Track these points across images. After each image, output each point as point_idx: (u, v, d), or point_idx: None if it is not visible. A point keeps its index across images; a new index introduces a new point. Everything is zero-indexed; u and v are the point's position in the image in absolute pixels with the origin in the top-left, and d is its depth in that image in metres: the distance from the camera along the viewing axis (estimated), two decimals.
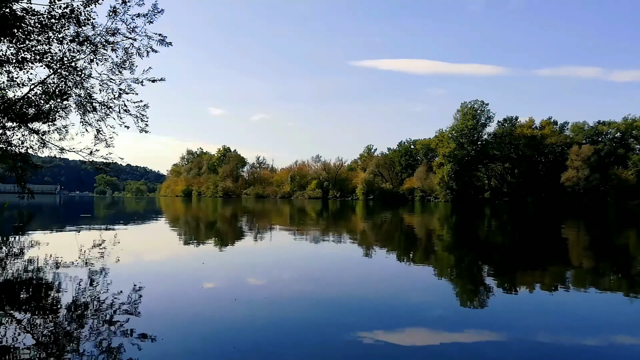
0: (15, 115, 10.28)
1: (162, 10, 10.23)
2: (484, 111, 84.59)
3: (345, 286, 6.38)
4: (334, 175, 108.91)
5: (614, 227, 20.33)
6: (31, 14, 9.33)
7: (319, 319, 4.69)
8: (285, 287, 6.33)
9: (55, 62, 10.11)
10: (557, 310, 5.19)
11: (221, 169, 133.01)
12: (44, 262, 7.60)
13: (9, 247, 10.00)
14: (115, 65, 10.65)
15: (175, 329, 4.23)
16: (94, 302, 5.05)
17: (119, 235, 13.14)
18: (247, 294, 5.76)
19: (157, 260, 8.74)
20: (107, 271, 6.93)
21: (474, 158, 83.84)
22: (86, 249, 9.52)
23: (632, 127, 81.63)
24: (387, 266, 8.32)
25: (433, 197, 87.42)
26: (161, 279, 6.75)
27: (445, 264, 8.77)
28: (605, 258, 10.03)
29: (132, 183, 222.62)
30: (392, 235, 15.19)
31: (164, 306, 5.04)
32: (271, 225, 19.04)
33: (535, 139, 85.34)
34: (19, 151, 10.94)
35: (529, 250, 11.21)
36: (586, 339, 4.21)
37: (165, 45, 10.67)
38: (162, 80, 11.00)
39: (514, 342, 4.05)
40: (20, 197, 12.13)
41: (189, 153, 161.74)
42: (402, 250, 10.94)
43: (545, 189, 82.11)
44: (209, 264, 8.37)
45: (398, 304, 5.40)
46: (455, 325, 4.52)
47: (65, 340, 3.83)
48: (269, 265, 8.27)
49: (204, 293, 5.75)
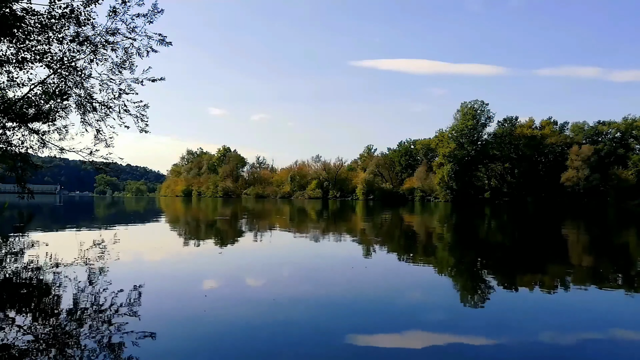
0: (15, 115, 10.28)
1: (162, 10, 10.26)
2: (484, 111, 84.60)
3: (345, 286, 6.38)
4: (334, 175, 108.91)
5: (613, 227, 20.33)
6: (31, 14, 9.34)
7: (319, 319, 4.69)
8: (285, 287, 6.33)
9: (55, 62, 10.12)
10: (557, 310, 5.19)
11: (221, 169, 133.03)
12: (44, 262, 7.60)
13: (9, 246, 10.00)
14: (115, 65, 10.67)
15: (175, 329, 4.24)
16: (93, 302, 5.05)
17: (119, 235, 13.14)
18: (247, 294, 5.76)
19: (157, 260, 8.73)
20: (107, 271, 6.94)
21: (474, 158, 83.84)
22: (86, 249, 9.52)
23: (632, 127, 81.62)
24: (387, 266, 8.31)
25: (433, 197, 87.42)
26: (161, 278, 6.75)
27: (445, 264, 8.77)
28: (605, 258, 10.03)
29: (132, 183, 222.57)
30: (392, 235, 15.19)
31: (164, 306, 5.05)
32: (271, 225, 19.04)
33: (535, 139, 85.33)
34: (19, 151, 10.94)
35: (529, 250, 11.22)
36: (586, 339, 4.21)
37: (165, 45, 10.70)
38: (162, 79, 11.02)
39: (514, 343, 4.05)
40: (20, 197, 12.12)
41: (189, 153, 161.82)
42: (402, 250, 10.94)
43: (545, 189, 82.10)
44: (209, 264, 8.38)
45: (398, 305, 5.40)
46: (456, 326, 4.52)
47: (65, 339, 3.83)
48: (269, 265, 8.27)
49: (204, 293, 5.75)
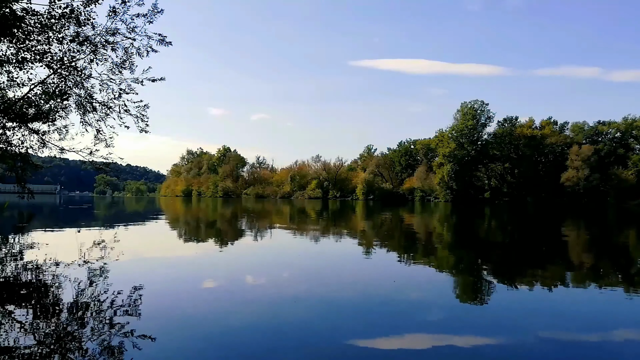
0: (15, 115, 10.28)
1: (162, 10, 10.26)
2: (484, 111, 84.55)
3: (345, 286, 6.38)
4: (334, 175, 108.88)
5: (614, 227, 20.33)
6: (31, 14, 9.34)
7: (319, 319, 4.69)
8: (285, 287, 6.33)
9: (55, 62, 10.12)
10: (557, 310, 5.19)
11: (221, 169, 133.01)
12: (44, 262, 7.59)
13: (9, 246, 10.00)
14: (115, 65, 10.67)
15: (175, 329, 4.24)
16: (93, 302, 5.05)
17: (119, 235, 13.14)
18: (247, 294, 5.76)
19: (157, 260, 8.74)
20: (107, 271, 6.93)
21: (474, 158, 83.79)
22: (86, 249, 9.52)
23: (632, 127, 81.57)
24: (387, 266, 8.31)
25: (433, 197, 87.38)
26: (161, 278, 6.75)
27: (445, 264, 8.77)
28: (605, 258, 10.03)
29: (132, 183, 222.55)
30: (392, 235, 15.18)
31: (164, 306, 5.04)
32: (271, 225, 19.04)
33: (535, 139, 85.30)
34: (19, 151, 10.95)
35: (529, 250, 11.21)
36: (586, 339, 4.20)
37: (165, 45, 10.69)
38: (162, 79, 11.02)
39: (514, 343, 4.05)
40: (20, 197, 12.14)
41: (189, 153, 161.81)
42: (402, 250, 10.94)
43: (545, 189, 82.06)
44: (209, 264, 8.38)
45: (398, 305, 5.39)
46: (456, 326, 4.51)
47: (64, 339, 3.83)
48: (269, 265, 8.28)
49: (204, 293, 5.76)
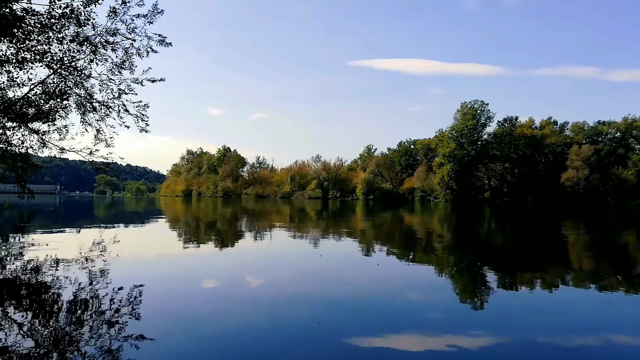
0: (15, 115, 10.28)
1: (162, 10, 10.26)
2: (484, 111, 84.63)
3: (345, 287, 6.37)
4: (334, 175, 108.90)
5: (613, 227, 20.33)
6: (31, 14, 9.33)
7: (319, 320, 4.69)
8: (285, 287, 6.34)
9: (55, 62, 10.11)
10: (557, 310, 5.20)
11: (221, 169, 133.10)
12: (44, 262, 7.60)
13: (9, 246, 10.00)
14: (115, 65, 10.67)
15: (175, 329, 4.24)
16: (93, 302, 5.05)
17: (119, 235, 13.14)
18: (247, 294, 5.77)
19: (157, 260, 8.74)
20: (106, 271, 6.93)
21: (474, 158, 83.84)
22: (86, 249, 9.52)
23: (632, 127, 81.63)
24: (387, 266, 8.31)
25: (433, 197, 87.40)
26: (161, 278, 6.76)
27: (445, 264, 8.77)
28: (605, 258, 10.04)
29: (132, 183, 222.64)
30: (392, 235, 15.19)
31: (163, 306, 5.05)
32: (271, 225, 19.04)
33: (535, 139, 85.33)
34: (19, 151, 10.94)
35: (529, 250, 11.22)
36: (586, 340, 4.20)
37: (165, 45, 10.70)
38: (162, 80, 11.02)
39: (514, 343, 4.05)
40: (20, 197, 12.13)
41: (189, 153, 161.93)
42: (402, 250, 10.94)
43: (545, 189, 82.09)
44: (209, 263, 8.39)
45: (398, 305, 5.40)
46: (455, 326, 4.52)
47: (64, 340, 3.84)
48: (269, 265, 8.28)
49: (203, 293, 5.76)
